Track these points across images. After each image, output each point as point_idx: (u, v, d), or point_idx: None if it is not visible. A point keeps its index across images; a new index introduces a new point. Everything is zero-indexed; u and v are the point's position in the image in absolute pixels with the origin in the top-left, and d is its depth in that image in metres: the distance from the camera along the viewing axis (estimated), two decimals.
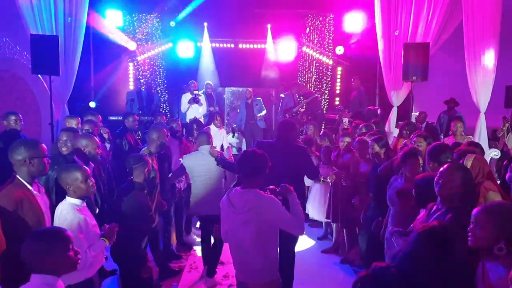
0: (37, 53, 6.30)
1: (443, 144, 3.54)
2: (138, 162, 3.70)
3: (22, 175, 2.75)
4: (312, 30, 10.78)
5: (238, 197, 2.73)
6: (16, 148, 2.78)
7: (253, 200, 2.66)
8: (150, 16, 10.43)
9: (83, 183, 2.80)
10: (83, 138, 3.79)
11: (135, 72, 10.49)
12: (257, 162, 2.78)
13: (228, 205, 2.76)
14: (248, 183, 2.76)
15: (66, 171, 2.85)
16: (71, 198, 2.79)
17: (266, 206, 2.67)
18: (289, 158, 4.02)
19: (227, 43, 10.87)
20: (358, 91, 9.09)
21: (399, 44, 7.63)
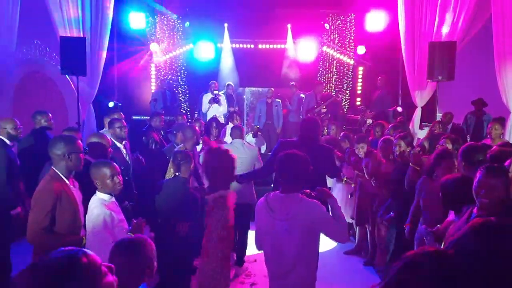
0: (66, 54, 6.47)
1: (476, 144, 3.47)
2: (185, 158, 3.79)
3: (60, 169, 2.86)
4: (333, 29, 10.71)
5: (279, 202, 2.55)
6: (55, 143, 2.89)
7: (297, 206, 2.49)
8: (172, 18, 10.54)
9: (109, 179, 2.88)
10: (95, 137, 3.89)
11: (157, 73, 10.61)
12: (300, 166, 2.60)
13: (267, 210, 2.57)
14: (288, 187, 2.58)
15: (95, 167, 2.94)
16: (100, 193, 2.87)
17: (312, 212, 2.49)
18: (312, 157, 3.99)
19: (247, 43, 10.89)
20: (381, 91, 9.00)
21: (424, 43, 7.52)
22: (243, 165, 4.73)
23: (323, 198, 2.66)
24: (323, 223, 2.52)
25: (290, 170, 2.59)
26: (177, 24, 10.60)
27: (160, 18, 10.45)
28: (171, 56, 10.63)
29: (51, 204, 2.69)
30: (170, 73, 10.70)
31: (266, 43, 10.93)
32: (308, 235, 2.50)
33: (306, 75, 10.42)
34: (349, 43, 10.62)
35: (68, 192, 2.82)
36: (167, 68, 10.68)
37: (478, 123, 7.56)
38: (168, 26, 10.57)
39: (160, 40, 10.44)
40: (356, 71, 10.68)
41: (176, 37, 10.63)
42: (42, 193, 2.74)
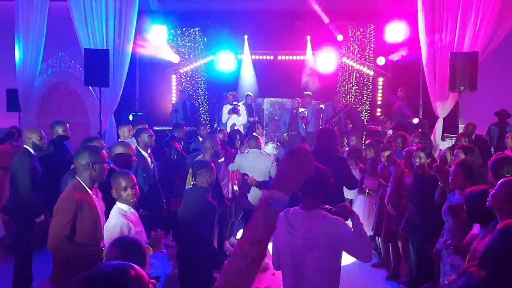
0: (89, 66, 6.67)
1: (504, 157, 3.37)
2: (201, 168, 3.81)
3: (83, 179, 2.90)
4: (352, 40, 10.68)
5: (300, 219, 2.41)
6: (80, 153, 2.95)
7: (320, 224, 2.35)
8: (193, 30, 10.73)
9: (123, 190, 2.92)
10: (120, 146, 3.95)
11: (178, 84, 10.79)
12: (321, 180, 2.44)
13: (287, 227, 2.41)
14: (309, 203, 2.44)
15: (113, 177, 3.00)
16: (120, 203, 2.92)
17: (336, 230, 2.36)
18: (328, 167, 3.96)
19: (266, 55, 10.97)
20: (402, 102, 8.90)
21: (445, 54, 7.42)
22: (260, 174, 4.89)
23: (344, 214, 2.52)
24: (347, 241, 2.39)
25: (310, 185, 2.35)
26: (198, 36, 10.79)
27: (182, 30, 10.66)
28: (192, 67, 10.80)
29: (72, 213, 2.73)
30: (191, 84, 10.86)
31: (285, 55, 10.98)
32: (330, 254, 2.38)
33: (326, 86, 10.39)
34: (369, 54, 10.57)
35: (90, 202, 2.85)
36: (188, 79, 10.85)
37: (501, 134, 7.38)
38: (189, 38, 10.77)
39: (181, 51, 10.63)
40: (376, 82, 10.60)
41: (197, 49, 10.81)
42: (64, 202, 2.79)
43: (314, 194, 2.43)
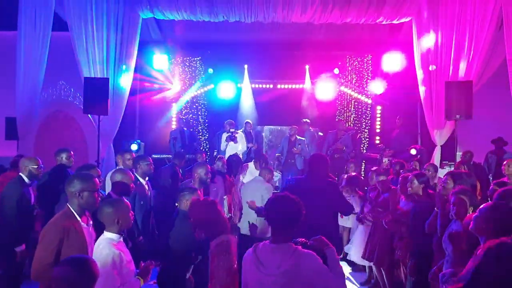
0: (89, 94, 6.79)
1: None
2: (183, 191, 3.84)
3: (73, 207, 2.89)
4: (350, 70, 10.86)
5: (269, 254, 2.23)
6: (70, 180, 2.95)
7: (290, 259, 2.18)
8: (194, 59, 10.95)
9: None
10: (119, 173, 3.95)
11: (178, 112, 10.91)
12: (291, 211, 2.29)
13: (255, 263, 2.24)
14: (279, 237, 2.28)
15: (102, 205, 2.97)
16: (108, 233, 2.86)
17: (307, 266, 2.18)
18: (320, 194, 3.88)
19: (266, 83, 11.14)
20: (400, 130, 8.94)
21: (440, 83, 7.52)
22: (262, 201, 4.92)
23: (319, 247, 2.36)
24: (319, 278, 2.20)
25: (279, 216, 2.28)
26: (198, 65, 10.99)
27: (183, 60, 10.87)
28: (192, 95, 10.95)
29: (57, 241, 2.70)
30: (191, 112, 10.98)
31: (284, 83, 11.14)
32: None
33: (325, 114, 10.49)
34: (367, 83, 10.71)
35: (78, 230, 2.82)
36: (188, 107, 10.98)
37: (499, 162, 7.36)
38: (190, 68, 10.97)
39: (182, 80, 10.81)
40: (375, 110, 10.69)
41: (197, 78, 11.00)
42: (49, 229, 2.77)
43: (285, 227, 2.28)
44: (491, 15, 7.01)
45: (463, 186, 3.65)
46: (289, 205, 2.30)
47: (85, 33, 7.33)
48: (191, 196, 3.78)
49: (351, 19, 7.87)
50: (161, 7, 7.71)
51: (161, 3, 7.62)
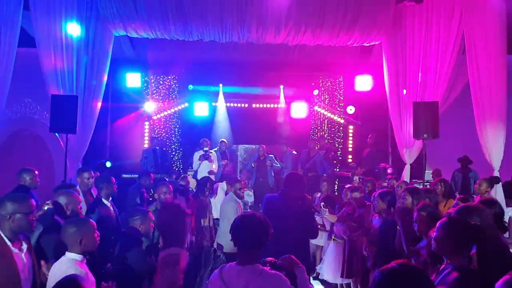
0: (56, 112, 6.60)
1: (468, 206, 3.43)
2: (135, 215, 3.66)
3: (3, 231, 2.69)
4: (323, 90, 11.09)
5: (235, 276, 2.17)
6: (2, 202, 2.75)
7: (256, 281, 2.11)
8: (168, 78, 10.91)
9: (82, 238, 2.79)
10: (65, 196, 3.70)
11: (151, 131, 10.79)
12: (258, 231, 2.24)
13: (220, 286, 2.18)
14: (246, 258, 2.22)
15: (65, 224, 2.86)
16: (70, 253, 2.75)
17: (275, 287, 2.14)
18: (292, 212, 3.88)
19: (241, 103, 11.21)
20: (371, 148, 9.11)
21: (409, 103, 7.73)
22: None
23: (289, 267, 2.32)
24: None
25: (246, 236, 2.23)
26: (172, 84, 10.96)
27: (156, 78, 10.82)
28: (166, 114, 10.86)
29: None
30: (164, 131, 10.87)
31: (259, 103, 11.24)
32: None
33: (299, 133, 10.60)
34: (339, 103, 10.95)
35: (6, 256, 2.62)
36: (161, 126, 10.87)
37: (464, 180, 7.60)
38: (164, 86, 10.92)
39: (155, 99, 10.73)
40: (347, 129, 10.91)
41: (171, 96, 10.94)
42: None
43: (251, 247, 2.23)
44: (455, 39, 7.32)
45: (424, 202, 3.72)
46: (255, 225, 2.26)
47: (53, 49, 7.17)
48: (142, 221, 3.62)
49: (323, 42, 8.05)
50: (135, 25, 7.67)
51: (134, 21, 7.57)
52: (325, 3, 7.37)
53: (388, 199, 4.31)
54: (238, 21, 7.51)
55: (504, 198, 6.90)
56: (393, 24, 7.70)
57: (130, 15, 7.43)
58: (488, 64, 6.94)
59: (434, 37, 7.43)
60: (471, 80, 7.00)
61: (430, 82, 7.55)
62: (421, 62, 7.62)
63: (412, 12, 7.61)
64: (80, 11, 7.42)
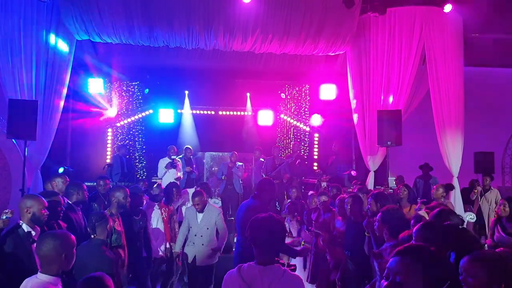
0: (14, 117, 6.27)
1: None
2: (101, 219, 3.61)
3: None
4: (290, 98, 11.24)
5: (257, 276, 2.20)
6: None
7: (280, 281, 2.18)
8: (132, 84, 10.67)
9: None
10: (27, 198, 3.47)
11: (114, 138, 10.49)
12: (277, 231, 2.31)
13: (241, 285, 2.20)
14: (266, 258, 2.26)
15: (45, 237, 2.62)
16: (43, 274, 2.49)
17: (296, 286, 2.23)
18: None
19: (207, 110, 11.14)
20: (336, 156, 9.28)
21: (372, 111, 7.96)
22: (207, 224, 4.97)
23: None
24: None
25: (265, 236, 2.27)
26: (136, 90, 10.73)
27: (119, 84, 10.56)
28: (129, 121, 10.61)
29: None
30: (128, 138, 10.60)
31: (226, 110, 11.22)
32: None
33: (265, 140, 10.64)
34: (305, 111, 11.12)
35: None
36: (125, 133, 10.60)
37: (425, 186, 7.89)
38: (127, 92, 10.67)
39: (118, 105, 10.45)
40: (312, 137, 11.08)
41: (135, 103, 10.70)
42: None
43: (271, 248, 2.28)
44: (416, 50, 7.65)
45: (389, 206, 3.83)
46: (274, 225, 2.31)
47: (11, 53, 6.85)
48: (107, 224, 3.62)
49: (290, 50, 8.16)
50: (98, 30, 7.44)
51: (98, 25, 7.35)
52: (292, 12, 7.49)
53: (382, 202, 4.36)
54: (205, 27, 7.47)
55: (463, 204, 7.23)
56: (357, 34, 7.94)
57: (93, 19, 7.22)
58: (447, 74, 7.29)
59: (397, 48, 7.73)
60: (431, 89, 7.33)
61: (393, 91, 7.81)
62: (384, 72, 7.88)
63: (375, 23, 7.88)
64: (40, 13, 7.13)
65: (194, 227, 5.11)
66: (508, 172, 10.80)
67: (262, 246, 2.27)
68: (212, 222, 5.13)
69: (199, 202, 5.10)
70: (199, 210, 5.12)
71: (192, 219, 5.16)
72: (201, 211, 5.12)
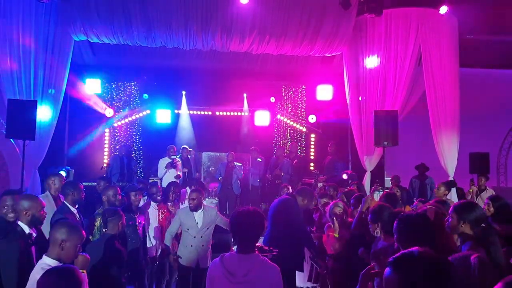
0: (13, 117, 6.30)
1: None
2: (113, 214, 3.78)
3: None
4: (286, 99, 11.29)
5: (237, 264, 2.39)
6: None
7: (259, 269, 2.36)
8: (129, 85, 10.69)
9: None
10: (25, 200, 3.49)
11: (111, 138, 10.50)
12: (258, 223, 2.51)
13: (224, 273, 2.38)
14: (245, 247, 2.47)
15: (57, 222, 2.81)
16: (46, 257, 2.58)
17: (272, 278, 2.39)
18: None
19: (204, 110, 11.17)
20: (332, 156, 9.34)
21: (369, 112, 8.03)
22: (206, 226, 4.84)
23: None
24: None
25: (247, 228, 2.48)
26: (134, 90, 10.75)
27: (117, 84, 10.57)
28: (127, 121, 10.62)
29: None
30: (125, 139, 10.61)
31: (223, 110, 11.25)
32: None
33: (262, 141, 10.69)
34: (301, 111, 11.18)
35: None
36: (123, 133, 10.61)
37: (421, 186, 7.96)
38: (125, 92, 10.68)
39: (116, 105, 10.47)
40: (309, 137, 11.14)
41: (132, 103, 10.72)
42: None
43: (251, 238, 2.48)
44: (412, 51, 7.73)
45: (379, 203, 3.88)
46: (256, 218, 2.51)
47: (9, 53, 6.87)
48: (121, 220, 3.83)
49: (287, 51, 8.22)
50: (96, 30, 7.48)
51: (96, 26, 7.38)
52: (289, 13, 7.55)
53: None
54: (202, 28, 7.52)
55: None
56: (354, 35, 8.01)
57: (92, 19, 7.26)
58: (443, 75, 7.38)
59: (393, 49, 7.81)
60: (427, 90, 7.41)
61: (390, 91, 7.88)
62: (380, 72, 7.95)
63: (372, 24, 7.96)
64: (39, 14, 7.15)
65: (192, 229, 4.84)
66: (503, 172, 10.92)
67: (243, 237, 2.47)
68: (213, 222, 4.95)
69: (195, 198, 4.85)
70: (193, 208, 4.84)
71: (188, 221, 4.88)
72: (195, 210, 4.85)
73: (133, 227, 4.74)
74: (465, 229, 2.90)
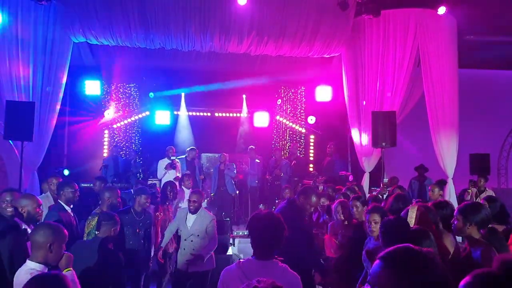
0: (11, 119, 6.31)
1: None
2: (108, 220, 3.71)
3: None
4: (285, 100, 11.29)
5: (255, 270, 2.25)
6: None
7: (280, 276, 2.18)
8: (128, 86, 10.70)
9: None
10: (22, 197, 3.63)
11: (110, 139, 10.51)
12: (277, 229, 2.37)
13: (241, 279, 2.23)
14: (263, 253, 2.34)
15: (39, 226, 2.75)
16: (31, 262, 2.57)
17: (292, 284, 2.26)
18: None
19: (203, 111, 11.18)
20: (331, 157, 9.33)
21: (367, 113, 8.02)
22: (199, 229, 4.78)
23: None
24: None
25: (266, 233, 2.34)
26: (133, 91, 10.76)
27: (116, 85, 10.59)
28: (126, 123, 10.64)
29: None
30: (124, 140, 10.62)
31: (222, 112, 11.25)
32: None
33: (261, 142, 10.68)
34: (300, 113, 11.18)
35: None
36: (121, 134, 10.63)
37: (421, 187, 7.94)
38: (124, 94, 10.70)
39: (115, 107, 10.48)
40: (308, 139, 11.13)
41: (132, 104, 10.73)
42: None
43: (271, 244, 2.34)
44: (410, 52, 7.72)
45: (374, 204, 3.87)
46: (275, 223, 2.38)
47: (8, 54, 6.89)
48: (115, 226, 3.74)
49: (285, 52, 8.21)
50: (95, 32, 7.48)
51: (95, 28, 7.39)
52: (287, 14, 7.55)
53: (363, 200, 4.41)
54: (201, 29, 7.52)
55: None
56: (352, 36, 8.01)
57: (91, 21, 7.26)
58: (441, 76, 7.36)
59: (391, 49, 7.80)
60: (426, 91, 7.40)
61: (388, 92, 7.88)
62: (379, 73, 7.94)
63: (370, 25, 7.95)
64: (38, 15, 7.17)
65: (183, 230, 4.87)
66: (504, 173, 10.89)
67: (262, 243, 2.34)
68: (203, 229, 4.84)
69: (196, 200, 4.87)
70: (193, 210, 4.85)
71: (182, 222, 4.90)
72: (194, 213, 4.85)
73: (133, 228, 4.76)
74: (472, 231, 2.86)
